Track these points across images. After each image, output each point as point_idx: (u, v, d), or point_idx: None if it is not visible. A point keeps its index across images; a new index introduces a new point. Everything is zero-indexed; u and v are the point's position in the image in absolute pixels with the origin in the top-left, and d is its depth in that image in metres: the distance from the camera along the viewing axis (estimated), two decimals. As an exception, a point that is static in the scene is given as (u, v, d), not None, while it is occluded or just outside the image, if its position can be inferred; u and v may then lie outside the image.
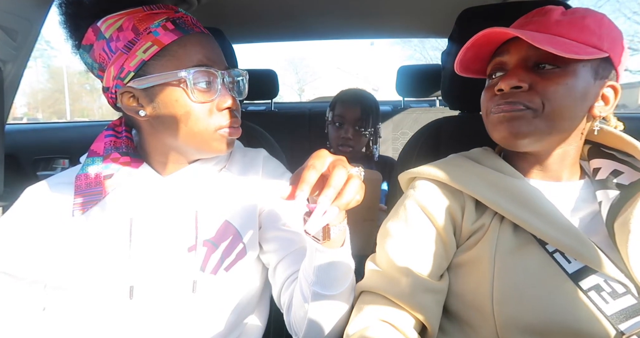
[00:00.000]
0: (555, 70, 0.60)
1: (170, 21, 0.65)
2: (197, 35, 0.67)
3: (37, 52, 19.36)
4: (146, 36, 0.64)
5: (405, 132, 2.07)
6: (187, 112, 0.65)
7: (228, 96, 0.68)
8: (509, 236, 0.62)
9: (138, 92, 0.66)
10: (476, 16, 0.90)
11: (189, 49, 0.65)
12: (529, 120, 0.61)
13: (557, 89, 0.60)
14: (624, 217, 0.58)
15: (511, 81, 0.61)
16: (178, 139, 0.68)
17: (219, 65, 0.68)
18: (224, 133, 0.69)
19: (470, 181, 0.66)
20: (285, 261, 0.72)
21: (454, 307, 0.65)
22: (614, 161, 0.67)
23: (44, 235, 0.69)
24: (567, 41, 0.59)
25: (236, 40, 1.92)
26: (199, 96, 0.65)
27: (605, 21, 0.62)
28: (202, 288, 0.68)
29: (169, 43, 0.64)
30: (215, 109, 0.67)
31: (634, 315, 0.54)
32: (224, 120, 0.68)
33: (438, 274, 0.65)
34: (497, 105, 0.63)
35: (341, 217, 0.58)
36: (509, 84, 0.61)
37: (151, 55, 0.64)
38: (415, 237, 0.65)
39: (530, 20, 0.64)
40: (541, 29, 0.61)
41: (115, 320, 0.67)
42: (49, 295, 0.70)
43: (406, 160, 0.98)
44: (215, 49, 0.69)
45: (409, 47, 22.44)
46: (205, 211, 0.72)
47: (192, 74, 0.64)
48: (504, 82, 0.61)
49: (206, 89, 0.66)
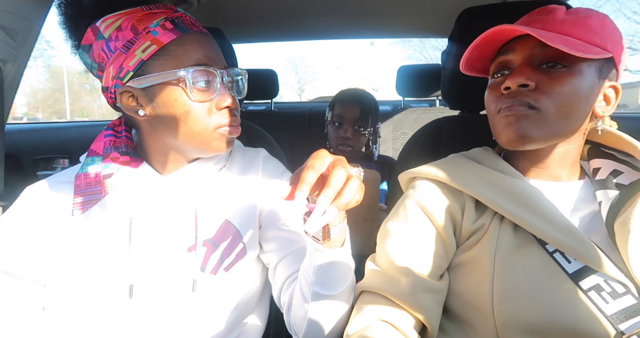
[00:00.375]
0: (562, 70, 0.60)
1: (169, 20, 0.65)
2: (196, 35, 0.67)
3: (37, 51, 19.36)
4: (145, 36, 0.64)
5: (405, 132, 2.07)
6: (186, 111, 0.65)
7: (227, 95, 0.68)
8: (509, 236, 0.62)
9: (137, 92, 0.66)
10: (476, 16, 0.90)
11: (188, 48, 0.65)
12: (535, 121, 0.60)
13: (564, 88, 0.59)
14: (624, 217, 0.58)
15: (518, 79, 0.60)
16: (177, 138, 0.68)
17: (218, 65, 0.68)
18: (223, 132, 0.69)
19: (470, 181, 0.66)
20: (285, 261, 0.72)
21: (453, 307, 0.65)
22: (613, 161, 0.67)
23: (43, 234, 0.69)
24: (575, 40, 0.59)
25: (236, 40, 1.92)
26: (198, 95, 0.65)
27: (607, 21, 0.62)
28: (201, 287, 0.68)
29: (167, 42, 0.64)
30: (214, 108, 0.67)
31: (634, 315, 0.54)
32: (223, 119, 0.68)
33: (438, 274, 0.65)
34: (505, 106, 0.62)
35: (341, 217, 0.58)
36: (516, 82, 0.60)
37: (150, 55, 0.64)
38: (415, 236, 0.65)
39: (534, 18, 0.64)
40: (547, 28, 0.61)
41: (115, 319, 0.67)
42: (49, 294, 0.70)
43: (406, 160, 0.98)
44: (214, 48, 0.69)
45: (409, 46, 22.46)
46: (205, 210, 0.72)
47: (191, 73, 0.64)
48: (510, 80, 0.61)
49: (205, 88, 0.66)
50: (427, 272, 0.63)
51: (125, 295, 0.67)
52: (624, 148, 0.66)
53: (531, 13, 0.66)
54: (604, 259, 0.57)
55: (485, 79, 0.75)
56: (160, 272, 0.68)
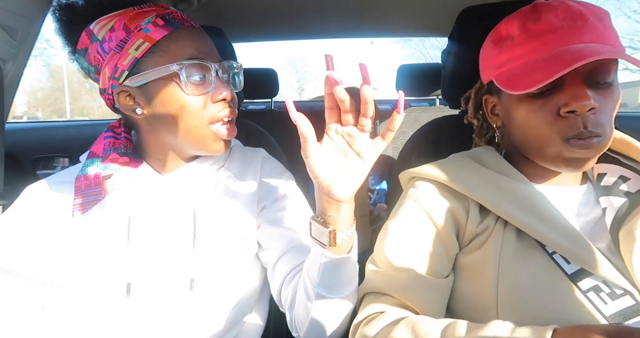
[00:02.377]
0: (608, 86, 0.58)
1: (160, 17, 0.66)
2: (188, 29, 0.67)
3: (37, 50, 19.31)
4: (137, 34, 0.64)
5: (405, 131, 2.07)
6: (182, 105, 0.66)
7: (223, 88, 0.67)
8: (513, 240, 0.61)
9: (134, 91, 0.66)
10: (476, 15, 0.90)
11: (181, 43, 0.66)
12: (600, 149, 0.57)
13: (614, 106, 0.57)
14: (630, 225, 0.58)
15: (587, 103, 0.54)
16: (175, 135, 0.68)
17: (211, 58, 0.68)
18: (219, 128, 0.68)
19: (474, 184, 0.65)
20: (285, 258, 0.72)
21: (456, 309, 0.65)
22: (619, 166, 0.66)
23: (43, 233, 0.69)
24: (621, 49, 0.57)
25: (236, 39, 1.91)
26: (192, 89, 0.65)
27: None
28: (200, 286, 0.69)
29: (159, 39, 0.64)
30: (210, 102, 0.67)
31: (633, 316, 0.54)
32: (219, 112, 0.68)
33: (441, 273, 0.64)
34: (577, 136, 0.56)
35: (348, 223, 0.58)
36: (585, 107, 0.54)
37: (143, 52, 0.64)
38: (416, 236, 0.65)
39: (576, 26, 0.57)
40: (600, 39, 0.57)
41: (113, 317, 0.67)
42: (48, 293, 0.70)
43: (406, 159, 0.98)
44: (207, 42, 0.69)
45: (409, 46, 22.45)
46: (203, 209, 0.72)
47: (185, 67, 0.64)
48: (577, 104, 0.54)
49: (200, 81, 0.66)
50: (428, 271, 0.62)
51: (122, 293, 0.67)
52: (629, 153, 0.65)
53: (564, 17, 0.58)
54: (608, 266, 0.56)
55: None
56: (158, 270, 0.69)
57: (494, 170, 0.67)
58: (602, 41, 0.57)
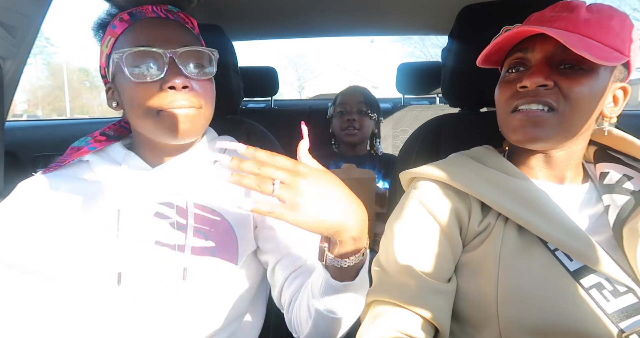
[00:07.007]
0: (579, 71, 0.59)
1: (127, 13, 0.68)
2: (147, 20, 0.68)
3: (37, 49, 19.30)
4: (109, 31, 0.69)
5: (405, 130, 2.07)
6: (131, 96, 0.66)
7: (174, 75, 0.64)
8: (514, 237, 0.61)
9: (113, 85, 0.71)
10: (476, 13, 0.90)
11: (135, 32, 0.67)
12: (551, 124, 0.60)
13: (581, 89, 0.59)
14: (635, 222, 0.58)
15: (537, 79, 0.59)
16: (137, 125, 0.70)
17: (164, 45, 0.65)
18: (168, 116, 0.66)
19: (474, 182, 0.65)
20: (283, 261, 0.72)
21: (457, 307, 0.64)
22: (622, 165, 0.66)
23: (34, 226, 0.69)
24: (597, 44, 0.58)
25: (236, 37, 1.91)
26: (136, 77, 0.65)
27: (628, 22, 0.61)
28: (193, 276, 0.68)
29: (121, 32, 0.67)
30: (160, 90, 0.65)
31: (635, 313, 0.54)
32: (169, 100, 0.65)
33: (446, 276, 0.63)
34: (522, 106, 0.61)
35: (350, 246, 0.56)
36: (536, 82, 0.59)
37: (110, 48, 0.68)
38: (421, 238, 0.64)
39: (558, 15, 0.62)
40: (570, 27, 0.60)
41: (105, 306, 0.67)
42: (40, 285, 0.69)
43: (406, 158, 0.98)
44: (164, 29, 0.67)
45: (409, 44, 22.44)
46: (195, 201, 0.72)
47: (125, 55, 0.64)
48: (529, 80, 0.60)
49: (143, 69, 0.65)
50: (435, 275, 0.61)
51: (113, 282, 0.66)
52: (632, 152, 0.65)
53: (554, 6, 0.63)
54: (610, 263, 0.56)
55: (485, 77, 0.74)
56: (149, 260, 0.68)
57: (494, 168, 0.67)
58: (576, 30, 0.59)
